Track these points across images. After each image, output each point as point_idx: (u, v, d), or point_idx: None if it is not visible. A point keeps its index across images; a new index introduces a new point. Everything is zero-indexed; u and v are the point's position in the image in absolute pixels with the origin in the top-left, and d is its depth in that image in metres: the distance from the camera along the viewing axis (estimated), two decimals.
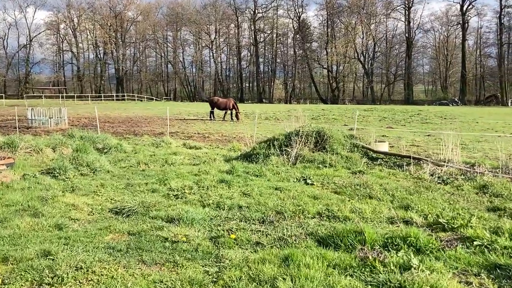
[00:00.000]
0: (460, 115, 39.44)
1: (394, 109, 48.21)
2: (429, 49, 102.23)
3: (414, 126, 29.33)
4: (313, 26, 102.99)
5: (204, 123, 30.52)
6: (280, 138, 11.82)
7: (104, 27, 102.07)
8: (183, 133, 22.68)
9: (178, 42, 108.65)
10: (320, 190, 8.27)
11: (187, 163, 12.15)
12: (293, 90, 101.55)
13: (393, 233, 5.11)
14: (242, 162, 11.56)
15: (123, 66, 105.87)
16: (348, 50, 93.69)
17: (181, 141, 17.35)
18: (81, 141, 15.11)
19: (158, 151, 14.66)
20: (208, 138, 19.66)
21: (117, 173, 10.51)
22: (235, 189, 8.26)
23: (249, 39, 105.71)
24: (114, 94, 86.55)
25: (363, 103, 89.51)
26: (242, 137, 20.36)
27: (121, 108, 51.91)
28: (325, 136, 11.69)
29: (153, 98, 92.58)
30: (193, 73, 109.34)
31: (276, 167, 10.63)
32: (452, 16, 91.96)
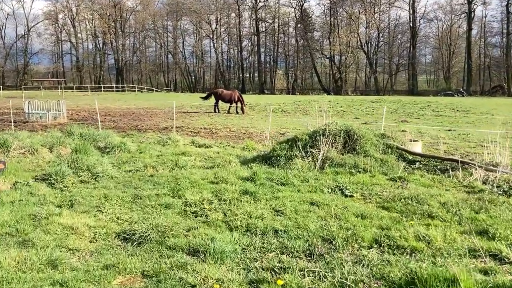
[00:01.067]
0: (471, 106, 38.10)
1: (401, 100, 46.84)
2: (431, 38, 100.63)
3: (429, 119, 28.06)
4: (315, 15, 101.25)
5: (209, 116, 29.22)
6: (303, 138, 10.53)
7: (103, 17, 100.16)
8: (188, 127, 21.40)
9: (178, 32, 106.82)
10: (364, 205, 7.01)
11: (199, 165, 10.88)
12: (295, 81, 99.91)
13: (497, 282, 3.84)
14: (261, 165, 10.30)
15: (123, 56, 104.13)
16: (352, 40, 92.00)
17: (189, 138, 16.08)
18: (81, 139, 13.84)
19: (165, 150, 13.39)
20: (216, 134, 18.38)
21: (122, 180, 9.25)
22: (263, 203, 7.00)
23: (250, 29, 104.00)
24: (114, 85, 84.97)
25: (366, 93, 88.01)
26: (252, 133, 19.09)
27: (121, 99, 50.55)
28: (355, 135, 10.41)
29: (153, 89, 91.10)
30: (193, 63, 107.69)
31: (303, 172, 9.36)
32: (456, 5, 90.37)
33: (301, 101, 45.48)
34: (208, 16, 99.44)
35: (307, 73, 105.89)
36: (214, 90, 34.25)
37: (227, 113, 31.65)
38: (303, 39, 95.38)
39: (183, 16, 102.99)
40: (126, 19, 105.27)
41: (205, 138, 17.14)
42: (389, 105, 39.72)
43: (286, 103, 43.76)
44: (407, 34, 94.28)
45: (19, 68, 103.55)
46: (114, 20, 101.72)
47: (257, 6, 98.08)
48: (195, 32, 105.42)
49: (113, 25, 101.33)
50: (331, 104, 41.65)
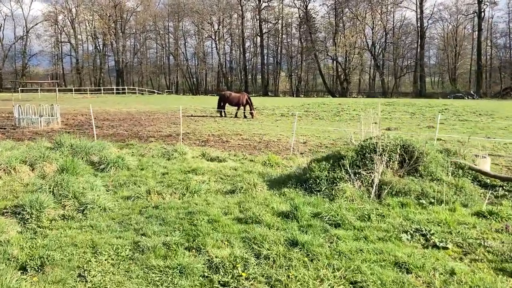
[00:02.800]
0: (492, 110, 35.77)
1: (415, 103, 44.52)
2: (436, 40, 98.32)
3: (455, 125, 25.81)
4: (320, 16, 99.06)
5: (215, 121, 27.00)
6: (349, 155, 8.28)
7: (103, 18, 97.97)
8: (194, 134, 19.17)
9: (180, 33, 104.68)
10: (470, 267, 4.75)
11: (216, 189, 8.63)
12: (299, 83, 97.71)
13: None
14: (295, 190, 8.09)
15: (123, 58, 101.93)
16: (357, 41, 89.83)
17: (197, 149, 13.83)
18: (71, 152, 11.60)
19: (172, 165, 11.16)
20: (228, 144, 16.13)
21: (118, 214, 7.01)
22: (323, 264, 4.74)
23: (252, 30, 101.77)
24: (114, 87, 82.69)
25: (373, 96, 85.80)
26: (268, 141, 16.83)
27: (121, 102, 48.33)
28: (416, 152, 8.15)
29: (154, 91, 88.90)
30: (195, 65, 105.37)
31: (356, 203, 7.12)
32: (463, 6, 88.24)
33: (309, 104, 43.26)
34: (210, 16, 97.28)
35: (311, 74, 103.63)
36: (221, 93, 31.98)
37: (235, 117, 29.47)
38: (307, 40, 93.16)
39: (184, 17, 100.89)
40: (126, 20, 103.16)
41: (216, 148, 14.91)
42: (404, 108, 37.49)
43: (295, 106, 41.54)
44: (412, 35, 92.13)
45: (17, 70, 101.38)
46: (114, 21, 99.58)
47: (261, 7, 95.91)
48: (197, 33, 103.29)
49: (113, 26, 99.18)
50: (342, 107, 39.50)
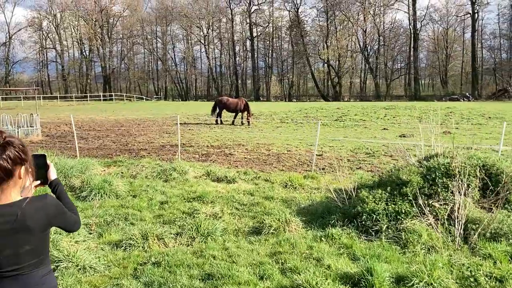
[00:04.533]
0: (499, 112, 34.09)
1: (416, 106, 42.71)
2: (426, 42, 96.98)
3: (469, 129, 23.98)
4: (311, 19, 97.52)
5: (211, 128, 24.88)
6: (413, 180, 6.20)
7: (88, 23, 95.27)
8: (191, 146, 17.02)
9: (168, 38, 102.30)
10: None
11: (235, 228, 6.53)
12: (291, 87, 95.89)
13: None
14: (343, 228, 6.02)
15: (110, 63, 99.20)
16: (350, 44, 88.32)
17: (199, 166, 11.67)
18: None
19: (171, 190, 9.02)
20: (232, 157, 14.00)
21: (103, 278, 4.85)
22: None
23: (242, 34, 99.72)
24: (101, 94, 79.99)
25: (366, 99, 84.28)
26: (278, 154, 14.69)
27: (108, 110, 45.96)
28: (502, 175, 6.11)
29: (143, 98, 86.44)
30: (184, 70, 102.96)
31: (438, 253, 5.04)
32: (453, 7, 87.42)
33: (307, 109, 41.24)
34: (199, 20, 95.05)
35: (302, 79, 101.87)
36: (218, 98, 29.80)
37: (231, 124, 27.37)
38: (298, 43, 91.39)
39: (172, 21, 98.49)
40: (113, 25, 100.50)
41: (220, 163, 12.78)
42: (408, 112, 35.69)
43: (292, 111, 39.51)
44: (403, 37, 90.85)
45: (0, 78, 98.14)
46: (100, 26, 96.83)
47: (251, 10, 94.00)
48: (185, 37, 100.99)
49: (99, 31, 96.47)
50: (342, 111, 37.54)
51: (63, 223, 2.48)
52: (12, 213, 2.23)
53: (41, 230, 2.34)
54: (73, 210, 2.60)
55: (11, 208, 2.25)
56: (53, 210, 2.40)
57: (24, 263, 2.31)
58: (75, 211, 2.61)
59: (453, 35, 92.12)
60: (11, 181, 2.26)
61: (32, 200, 2.31)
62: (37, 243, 2.34)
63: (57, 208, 2.43)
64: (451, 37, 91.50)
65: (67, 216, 2.50)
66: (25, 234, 2.28)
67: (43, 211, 2.34)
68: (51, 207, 2.39)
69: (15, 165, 2.24)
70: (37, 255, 2.36)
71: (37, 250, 2.36)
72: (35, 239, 2.32)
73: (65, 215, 2.48)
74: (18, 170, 2.27)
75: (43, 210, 2.34)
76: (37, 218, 2.31)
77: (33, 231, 2.30)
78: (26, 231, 2.28)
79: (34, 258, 2.34)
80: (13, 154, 2.23)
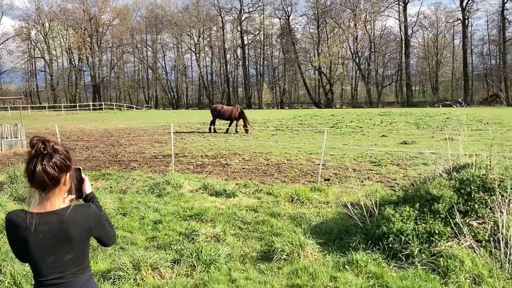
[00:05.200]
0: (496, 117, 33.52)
1: (412, 112, 42.17)
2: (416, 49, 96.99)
3: (471, 135, 23.33)
4: (302, 26, 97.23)
5: (204, 137, 24.02)
6: (445, 195, 5.39)
7: (77, 32, 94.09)
8: (185, 156, 16.14)
9: (159, 46, 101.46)
10: None
11: (241, 252, 5.67)
12: (283, 94, 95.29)
13: None
14: (367, 251, 5.20)
15: (100, 72, 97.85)
16: (341, 50, 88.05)
17: (195, 178, 10.80)
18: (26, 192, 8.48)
19: (165, 206, 8.15)
20: (229, 168, 13.14)
21: None
22: None
23: (232, 42, 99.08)
24: (90, 104, 78.66)
25: (358, 106, 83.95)
26: (278, 164, 13.83)
27: (98, 119, 44.92)
28: None
29: (133, 107, 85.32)
30: (175, 78, 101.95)
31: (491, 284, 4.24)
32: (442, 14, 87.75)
33: (301, 116, 40.47)
34: (189, 28, 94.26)
35: (294, 86, 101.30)
36: (212, 106, 28.92)
37: (225, 132, 26.53)
38: (289, 51, 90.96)
39: (163, 29, 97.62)
40: (102, 34, 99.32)
41: (216, 174, 11.93)
42: (404, 119, 34.97)
43: (286, 118, 38.75)
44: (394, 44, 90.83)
45: None
46: (89, 35, 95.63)
47: (242, 18, 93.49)
48: (176, 45, 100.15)
49: (88, 40, 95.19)
50: (337, 118, 36.80)
51: (101, 235, 2.47)
52: (57, 221, 2.23)
53: (83, 239, 2.33)
54: (110, 224, 2.57)
55: (56, 216, 2.24)
56: (95, 220, 2.38)
57: (67, 272, 2.29)
58: (111, 226, 2.58)
59: (442, 41, 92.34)
60: (57, 188, 2.27)
61: (76, 209, 2.31)
62: (79, 252, 2.33)
63: (99, 219, 2.42)
64: (441, 43, 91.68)
65: (106, 229, 2.49)
66: (67, 242, 2.27)
67: (86, 220, 2.33)
68: (93, 216, 2.38)
69: (61, 173, 2.25)
70: (79, 263, 2.34)
71: (79, 258, 2.34)
72: (77, 247, 2.31)
73: (104, 227, 2.47)
74: (64, 177, 2.28)
75: (86, 219, 2.33)
76: (80, 227, 2.30)
77: (75, 240, 2.28)
78: (69, 240, 2.26)
79: (77, 266, 2.32)
80: (59, 161, 2.25)
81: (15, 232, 2.24)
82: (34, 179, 2.19)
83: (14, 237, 2.26)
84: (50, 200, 2.25)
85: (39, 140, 2.26)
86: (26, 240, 2.21)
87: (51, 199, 2.25)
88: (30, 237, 2.21)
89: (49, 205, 2.25)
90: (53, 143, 2.28)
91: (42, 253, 2.24)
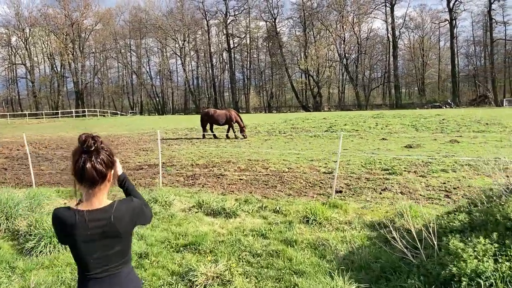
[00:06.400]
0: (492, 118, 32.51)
1: (405, 114, 41.07)
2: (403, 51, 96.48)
3: (475, 137, 22.21)
4: (289, 29, 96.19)
5: (192, 143, 22.50)
6: None
7: (59, 37, 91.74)
8: (173, 165, 14.61)
9: (143, 51, 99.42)
10: None
11: None
12: (271, 98, 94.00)
13: None
14: None
15: (83, 78, 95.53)
16: (328, 53, 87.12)
17: (187, 193, 9.31)
18: None
19: (152, 233, 6.64)
20: (225, 179, 11.65)
21: None
22: None
23: (218, 46, 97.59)
24: (73, 110, 76.35)
25: (347, 109, 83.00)
26: (279, 173, 12.37)
27: (80, 126, 43.05)
28: None
29: (117, 113, 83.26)
30: (160, 83, 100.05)
31: None
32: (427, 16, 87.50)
33: (292, 120, 39.12)
34: (174, 32, 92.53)
35: (281, 89, 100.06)
36: (203, 111, 27.21)
37: (226, 138, 25.05)
38: (276, 54, 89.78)
39: (147, 33, 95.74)
40: (85, 39, 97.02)
41: (211, 187, 10.45)
42: (399, 121, 33.77)
43: (277, 122, 37.35)
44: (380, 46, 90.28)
45: None
46: (72, 40, 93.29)
47: (227, 21, 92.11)
48: (160, 50, 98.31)
49: (70, 45, 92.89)
50: (330, 122, 35.49)
51: (143, 221, 2.51)
52: (105, 218, 2.25)
53: (129, 232, 2.39)
54: (145, 203, 2.58)
55: (104, 213, 2.27)
56: (138, 212, 2.43)
57: (113, 264, 2.32)
58: (146, 204, 2.59)
59: (428, 43, 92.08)
60: (103, 184, 2.29)
61: (120, 203, 2.34)
62: (126, 243, 2.37)
63: (140, 209, 2.45)
64: (426, 45, 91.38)
65: (145, 213, 2.51)
66: (114, 237, 2.30)
67: (129, 214, 2.36)
68: (135, 209, 2.41)
69: (107, 168, 2.30)
70: (124, 255, 2.39)
71: (124, 250, 2.38)
72: (123, 240, 2.34)
73: (144, 213, 2.50)
74: (109, 174, 2.33)
75: (130, 213, 2.37)
76: (125, 221, 2.34)
77: (122, 233, 2.32)
78: (116, 234, 2.29)
79: (122, 258, 2.37)
80: (106, 157, 2.30)
81: (63, 229, 2.24)
82: (84, 176, 2.20)
83: (62, 233, 2.26)
84: (96, 197, 2.27)
85: (88, 136, 2.25)
86: (74, 237, 2.22)
87: (98, 196, 2.27)
88: (79, 234, 2.21)
89: (97, 202, 2.27)
90: (101, 139, 2.29)
91: (90, 248, 2.24)
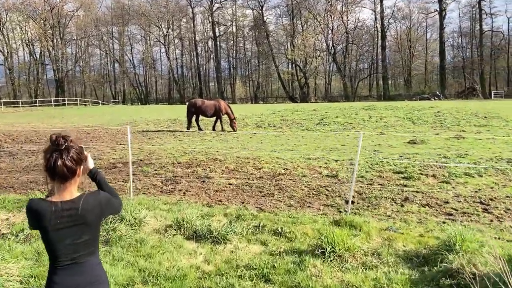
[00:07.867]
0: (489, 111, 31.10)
1: (397, 106, 39.50)
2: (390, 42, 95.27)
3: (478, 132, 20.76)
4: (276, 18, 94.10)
5: (175, 137, 20.62)
6: None
7: (38, 23, 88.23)
8: (151, 163, 12.73)
9: (126, 39, 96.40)
10: None
11: None
12: (258, 88, 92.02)
13: None
14: None
15: (63, 66, 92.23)
16: (317, 43, 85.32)
17: (163, 205, 7.51)
18: None
19: (112, 270, 4.82)
20: (211, 183, 9.84)
21: None
22: None
23: (203, 34, 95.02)
24: (52, 99, 73.33)
25: (334, 100, 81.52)
26: (274, 175, 10.61)
27: (58, 116, 40.77)
28: None
29: (99, 102, 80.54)
30: (143, 72, 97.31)
31: None
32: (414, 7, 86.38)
33: (280, 111, 37.31)
34: (158, 19, 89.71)
35: (268, 80, 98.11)
36: (190, 101, 25.08)
37: (199, 130, 23.16)
38: (263, 43, 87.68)
39: (130, 20, 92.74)
40: (65, 25, 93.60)
41: (194, 195, 8.65)
42: (392, 113, 32.20)
43: (265, 114, 35.56)
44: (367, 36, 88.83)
45: None
46: (51, 26, 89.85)
47: (213, 8, 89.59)
48: (144, 37, 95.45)
49: (50, 32, 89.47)
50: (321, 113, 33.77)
51: (111, 211, 2.71)
52: (74, 208, 2.42)
53: (97, 221, 2.56)
54: (115, 194, 2.75)
55: (73, 203, 2.44)
56: (105, 205, 2.60)
57: (79, 253, 2.47)
58: (115, 195, 2.75)
59: (415, 34, 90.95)
60: (73, 179, 2.46)
61: (88, 195, 2.52)
62: (94, 233, 2.55)
63: (107, 200, 2.62)
64: (413, 36, 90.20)
65: (113, 203, 2.68)
66: (83, 226, 2.47)
67: (98, 204, 2.54)
68: (102, 201, 2.58)
69: (77, 165, 2.47)
70: (91, 245, 2.54)
71: (92, 240, 2.54)
72: (91, 230, 2.51)
73: (112, 206, 2.68)
74: (79, 169, 2.50)
75: (98, 204, 2.54)
76: (94, 211, 2.51)
77: (91, 223, 2.49)
78: (85, 223, 2.47)
79: (89, 248, 2.51)
80: (76, 155, 2.45)
81: (36, 218, 2.41)
82: (55, 173, 2.37)
83: (35, 221, 2.42)
84: (67, 190, 2.43)
85: (59, 136, 2.42)
86: (46, 226, 2.39)
87: (69, 189, 2.44)
88: (51, 223, 2.39)
89: (68, 194, 2.44)
90: (71, 138, 2.45)
91: (60, 235, 2.41)
